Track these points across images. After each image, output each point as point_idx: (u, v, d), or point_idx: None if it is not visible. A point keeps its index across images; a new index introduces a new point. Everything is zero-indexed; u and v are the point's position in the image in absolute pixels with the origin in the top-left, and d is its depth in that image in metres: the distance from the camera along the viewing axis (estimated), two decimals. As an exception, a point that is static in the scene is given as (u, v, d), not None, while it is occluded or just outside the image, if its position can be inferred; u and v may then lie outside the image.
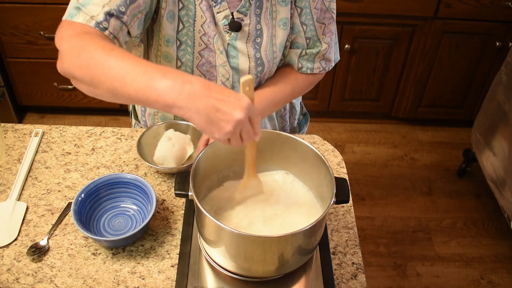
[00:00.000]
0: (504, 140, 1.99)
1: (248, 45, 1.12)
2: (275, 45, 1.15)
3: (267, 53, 1.14)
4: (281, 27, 1.13)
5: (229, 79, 1.16)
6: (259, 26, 1.11)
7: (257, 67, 1.16)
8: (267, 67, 1.17)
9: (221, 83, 1.17)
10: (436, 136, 2.74)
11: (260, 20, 1.10)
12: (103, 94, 0.86)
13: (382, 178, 2.49)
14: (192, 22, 1.08)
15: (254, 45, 1.12)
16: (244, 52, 1.13)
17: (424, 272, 2.09)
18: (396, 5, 2.24)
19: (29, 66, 2.42)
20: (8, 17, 2.25)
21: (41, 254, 1.00)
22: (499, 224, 2.30)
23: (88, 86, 0.87)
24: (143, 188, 1.06)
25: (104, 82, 0.83)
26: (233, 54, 1.13)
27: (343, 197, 0.93)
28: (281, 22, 1.12)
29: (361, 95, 2.61)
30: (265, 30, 1.12)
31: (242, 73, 1.16)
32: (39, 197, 1.12)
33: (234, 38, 1.10)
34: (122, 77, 0.81)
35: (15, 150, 1.23)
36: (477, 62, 2.45)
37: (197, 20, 1.07)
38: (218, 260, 0.94)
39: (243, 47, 1.12)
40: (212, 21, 1.08)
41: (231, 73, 1.15)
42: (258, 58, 1.14)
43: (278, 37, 1.14)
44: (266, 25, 1.11)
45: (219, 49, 1.11)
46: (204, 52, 1.12)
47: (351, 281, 0.99)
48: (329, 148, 1.27)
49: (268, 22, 1.11)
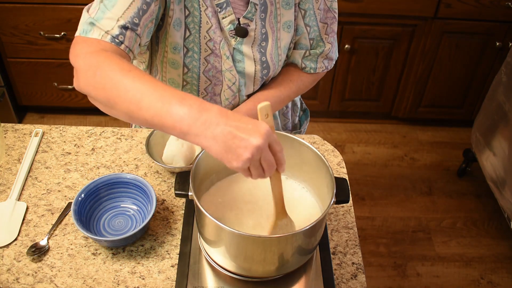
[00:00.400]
0: (504, 140, 1.99)
1: (254, 49, 1.12)
2: (280, 48, 1.15)
3: (272, 56, 1.15)
4: (286, 30, 1.13)
5: (235, 83, 1.17)
6: (264, 30, 1.11)
7: (262, 70, 1.16)
8: (273, 70, 1.18)
9: (227, 87, 1.17)
10: (436, 136, 2.74)
11: (265, 24, 1.10)
12: (120, 115, 0.85)
13: (382, 178, 2.49)
14: (198, 28, 1.07)
15: (259, 49, 1.13)
16: (250, 56, 1.13)
17: (424, 272, 2.09)
18: (396, 5, 2.24)
19: (29, 66, 2.42)
20: (8, 17, 2.25)
21: (41, 254, 1.00)
22: (499, 224, 2.30)
23: (105, 106, 0.86)
24: (143, 188, 1.06)
25: (120, 105, 0.81)
26: (239, 58, 1.13)
27: (343, 197, 0.93)
28: (285, 25, 1.13)
29: (361, 95, 2.61)
30: (270, 33, 1.12)
31: (248, 77, 1.16)
32: (39, 197, 1.12)
33: (240, 42, 1.11)
34: (138, 101, 0.79)
35: (15, 150, 1.23)
36: (477, 62, 2.45)
37: (203, 26, 1.07)
38: (218, 260, 0.94)
39: (249, 51, 1.12)
40: (218, 26, 1.08)
41: (237, 77, 1.16)
42: (264, 61, 1.14)
43: (283, 39, 1.14)
44: (271, 29, 1.12)
45: (225, 54, 1.11)
46: (210, 58, 1.11)
47: (351, 281, 0.99)
48: (329, 148, 1.27)
49: (273, 25, 1.11)
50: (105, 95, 0.83)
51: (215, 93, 1.19)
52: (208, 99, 1.19)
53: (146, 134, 1.27)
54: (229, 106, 1.22)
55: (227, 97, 1.19)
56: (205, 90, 1.18)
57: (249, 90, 1.21)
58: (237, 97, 1.20)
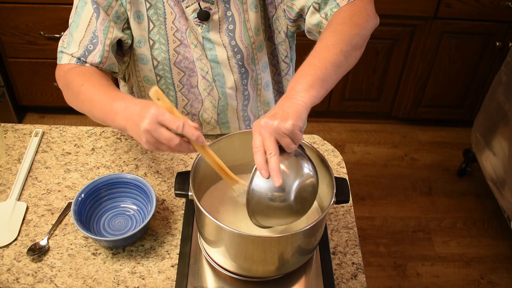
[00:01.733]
0: (504, 140, 1.99)
1: (221, 34, 1.12)
2: (250, 30, 1.13)
3: (242, 39, 1.13)
4: (253, 10, 1.11)
5: (209, 72, 1.16)
6: (229, 12, 1.10)
7: (235, 56, 1.15)
8: (246, 54, 1.15)
9: (201, 77, 1.17)
10: (436, 136, 2.74)
11: (230, 7, 1.10)
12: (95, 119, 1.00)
13: (382, 178, 2.49)
14: (163, 20, 1.09)
15: (227, 33, 1.12)
16: (219, 42, 1.12)
17: (424, 272, 2.09)
18: (396, 5, 2.24)
19: (29, 66, 2.42)
20: (8, 17, 2.24)
21: (41, 254, 1.00)
22: (499, 224, 2.30)
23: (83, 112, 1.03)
24: (143, 188, 1.06)
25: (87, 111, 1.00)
26: (209, 47, 1.13)
27: (343, 197, 0.93)
28: (252, 5, 1.11)
29: (361, 95, 2.60)
30: (236, 16, 1.11)
31: (222, 65, 1.16)
32: (39, 197, 1.12)
33: (206, 29, 1.10)
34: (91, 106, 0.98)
35: (15, 150, 1.23)
36: (477, 62, 2.45)
37: (168, 18, 1.09)
38: (218, 260, 0.94)
39: (216, 37, 1.12)
40: (182, 15, 1.09)
41: (210, 66, 1.15)
42: (234, 46, 1.13)
43: (252, 21, 1.12)
44: (237, 11, 1.10)
45: (193, 43, 1.12)
46: (179, 49, 1.12)
47: (351, 281, 0.99)
48: (329, 148, 1.27)
49: (238, 7, 1.10)
50: (77, 106, 1.03)
51: (192, 85, 1.19)
52: (186, 92, 1.20)
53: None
54: (208, 97, 1.21)
55: (204, 88, 1.19)
56: (180, 82, 1.18)
57: (229, 80, 1.18)
58: (214, 88, 1.19)
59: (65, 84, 1.05)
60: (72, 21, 1.06)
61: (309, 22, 1.08)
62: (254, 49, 1.16)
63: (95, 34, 1.04)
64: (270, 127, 0.81)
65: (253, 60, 1.18)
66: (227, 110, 1.24)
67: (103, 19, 1.04)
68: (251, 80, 1.21)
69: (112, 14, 1.05)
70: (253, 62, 1.19)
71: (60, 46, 1.08)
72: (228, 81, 1.18)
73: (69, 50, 1.05)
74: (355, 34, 0.97)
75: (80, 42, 1.04)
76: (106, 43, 1.04)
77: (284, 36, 1.18)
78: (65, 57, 1.06)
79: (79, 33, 1.05)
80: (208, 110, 1.23)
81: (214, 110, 1.23)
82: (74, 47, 1.05)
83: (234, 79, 1.18)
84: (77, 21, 1.05)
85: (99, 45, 1.04)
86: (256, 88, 1.24)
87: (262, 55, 1.19)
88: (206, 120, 1.25)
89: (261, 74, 1.22)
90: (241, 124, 1.29)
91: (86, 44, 1.04)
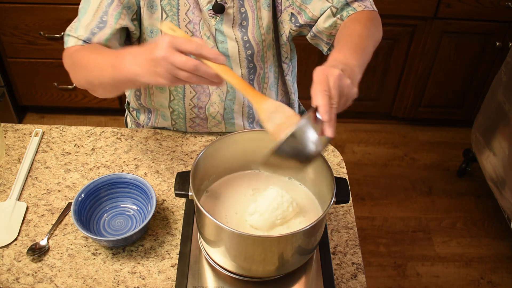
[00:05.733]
0: (504, 140, 1.99)
1: (234, 29, 1.13)
2: (262, 27, 1.14)
3: (254, 35, 1.14)
4: (266, 8, 1.13)
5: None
6: (243, 9, 1.11)
7: (246, 51, 1.16)
8: (257, 50, 1.17)
9: None
10: (436, 136, 2.74)
11: (244, 3, 1.11)
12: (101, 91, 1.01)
13: (382, 178, 2.49)
14: (176, 11, 1.10)
15: (240, 29, 1.13)
16: (232, 36, 1.13)
17: (424, 272, 2.09)
18: (396, 5, 2.24)
19: (29, 66, 2.42)
20: (8, 17, 2.24)
21: (41, 254, 1.00)
22: (499, 224, 2.30)
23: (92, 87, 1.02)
24: (143, 188, 1.06)
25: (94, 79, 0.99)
26: (221, 39, 1.13)
27: (343, 197, 0.93)
28: (265, 4, 1.12)
29: (361, 95, 2.59)
30: (250, 12, 1.12)
31: (233, 59, 1.16)
32: (39, 197, 1.12)
33: (220, 22, 1.11)
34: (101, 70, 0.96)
35: (15, 150, 1.23)
36: (477, 62, 2.45)
37: (181, 8, 1.09)
38: (218, 260, 0.94)
39: (229, 31, 1.13)
40: (196, 7, 1.10)
41: None
42: (246, 41, 1.14)
43: (264, 19, 1.14)
44: (250, 8, 1.12)
45: (206, 35, 1.12)
46: None
47: (351, 281, 0.99)
48: (329, 148, 1.27)
49: (252, 4, 1.12)
50: (86, 77, 1.01)
51: None
52: (194, 85, 1.20)
53: (145, 134, 1.27)
54: (216, 90, 1.21)
55: None
56: None
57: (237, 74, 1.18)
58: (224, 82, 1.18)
59: (71, 62, 1.05)
60: (81, 7, 1.08)
61: (322, 25, 1.12)
62: (265, 47, 1.18)
63: (102, 19, 1.05)
64: (343, 83, 0.82)
65: (262, 58, 1.20)
66: (233, 105, 1.24)
67: (116, 5, 1.05)
68: (258, 77, 1.23)
69: (124, 2, 1.06)
70: (262, 60, 1.20)
71: (67, 31, 1.09)
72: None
73: (75, 33, 1.06)
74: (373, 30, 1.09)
75: (87, 25, 1.05)
76: (115, 28, 1.05)
77: (286, 40, 1.20)
78: (71, 39, 1.07)
79: (87, 17, 1.06)
80: (215, 104, 1.23)
81: (221, 105, 1.23)
82: (81, 31, 1.06)
83: (242, 74, 1.20)
84: (85, 6, 1.06)
85: (107, 28, 1.05)
86: (262, 86, 1.25)
87: (270, 54, 1.21)
88: (212, 115, 1.25)
89: (268, 73, 1.24)
90: (245, 121, 1.30)
91: (93, 27, 1.05)
